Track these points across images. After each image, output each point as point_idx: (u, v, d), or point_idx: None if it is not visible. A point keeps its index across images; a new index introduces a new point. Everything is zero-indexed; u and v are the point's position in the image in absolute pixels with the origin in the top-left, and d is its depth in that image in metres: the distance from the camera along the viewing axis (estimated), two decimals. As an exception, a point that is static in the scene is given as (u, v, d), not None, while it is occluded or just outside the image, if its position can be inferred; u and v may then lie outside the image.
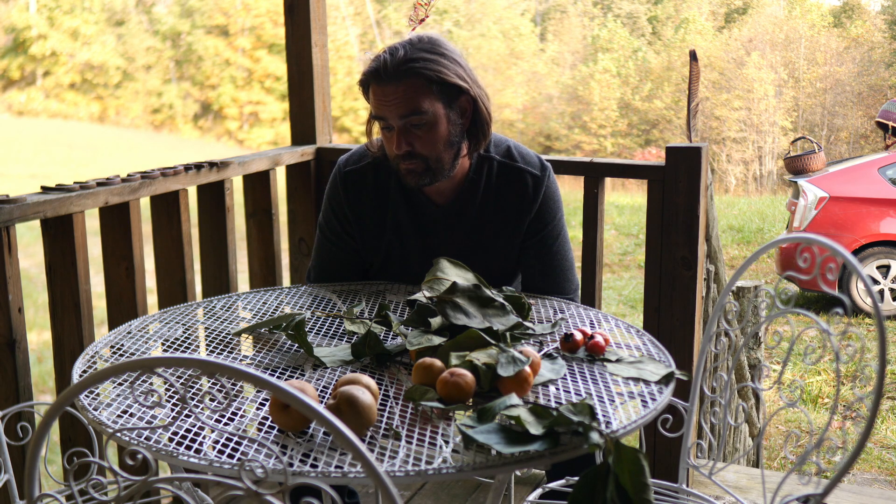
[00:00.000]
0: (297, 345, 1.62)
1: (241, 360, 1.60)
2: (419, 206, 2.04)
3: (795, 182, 7.30)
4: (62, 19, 22.96)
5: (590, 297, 2.57)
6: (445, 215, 2.03)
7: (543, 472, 2.00)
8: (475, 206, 2.02)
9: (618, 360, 1.54)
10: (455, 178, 2.00)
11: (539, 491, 1.83)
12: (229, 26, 23.36)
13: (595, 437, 1.16)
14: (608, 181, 2.62)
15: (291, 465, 1.15)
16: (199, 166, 2.48)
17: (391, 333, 1.70)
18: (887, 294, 7.13)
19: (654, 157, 18.19)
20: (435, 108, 1.87)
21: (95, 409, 1.31)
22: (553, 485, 1.84)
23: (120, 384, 1.43)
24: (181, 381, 1.38)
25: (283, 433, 1.24)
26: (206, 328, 1.76)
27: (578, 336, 1.58)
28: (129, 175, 2.28)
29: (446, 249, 2.01)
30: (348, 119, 20.51)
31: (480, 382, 1.37)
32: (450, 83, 1.87)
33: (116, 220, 2.27)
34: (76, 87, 23.12)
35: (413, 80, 1.84)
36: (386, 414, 1.32)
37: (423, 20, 2.33)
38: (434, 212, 2.03)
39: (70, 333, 2.14)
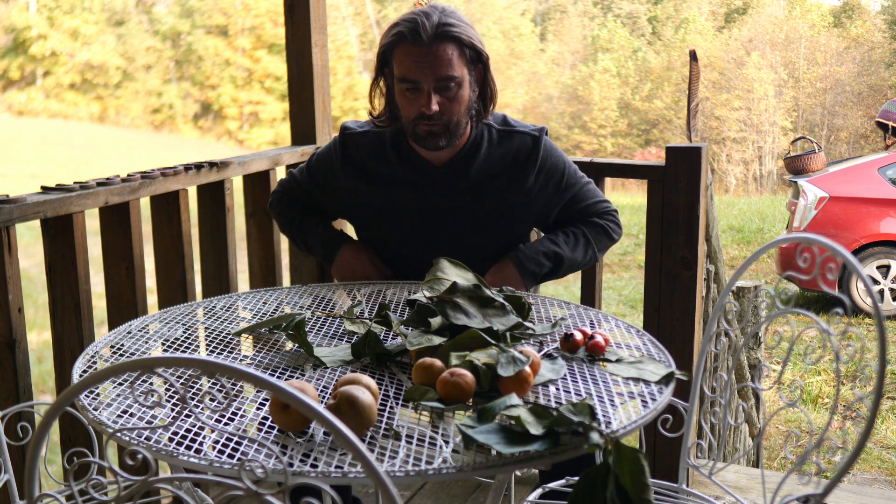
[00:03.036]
0: (297, 345, 1.62)
1: (241, 360, 1.60)
2: (421, 169, 2.08)
3: (795, 182, 7.30)
4: (62, 19, 22.96)
5: (590, 297, 2.57)
6: (446, 178, 2.07)
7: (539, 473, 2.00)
8: (476, 168, 2.07)
9: (618, 361, 1.54)
10: (457, 143, 2.06)
11: (539, 491, 1.83)
12: (229, 26, 23.37)
13: (595, 436, 1.16)
14: (608, 181, 2.62)
15: (291, 464, 1.14)
16: (199, 166, 2.48)
17: (391, 333, 1.70)
18: (887, 294, 7.13)
19: (654, 157, 18.19)
20: (463, 72, 1.95)
21: (95, 409, 1.31)
22: (553, 485, 1.84)
23: (120, 384, 1.43)
24: (181, 381, 1.38)
25: (283, 433, 1.24)
26: (206, 328, 1.76)
27: (578, 336, 1.58)
28: (129, 175, 2.28)
29: (451, 212, 2.07)
30: (348, 119, 20.50)
31: (480, 382, 1.37)
32: (478, 49, 1.96)
33: (116, 220, 2.27)
34: (76, 87, 23.13)
35: (450, 43, 1.92)
36: (386, 414, 1.32)
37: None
38: (435, 176, 2.08)
39: (70, 333, 2.14)
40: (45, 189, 2.11)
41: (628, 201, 13.79)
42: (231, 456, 1.16)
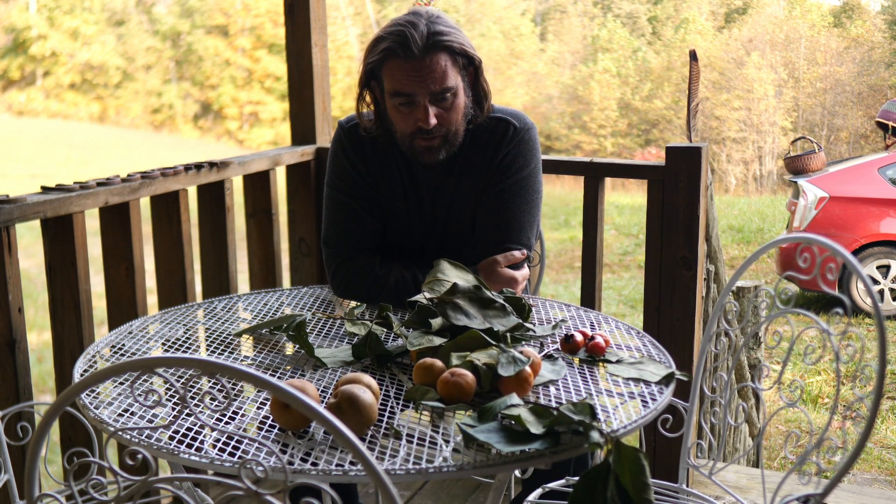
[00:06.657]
0: (297, 345, 1.62)
1: (241, 361, 1.60)
2: (413, 172, 2.01)
3: (795, 182, 7.30)
4: (62, 19, 22.95)
5: (590, 298, 2.57)
6: (435, 177, 2.00)
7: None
8: (459, 161, 1.98)
9: (618, 361, 1.54)
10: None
11: (539, 491, 1.83)
12: (229, 26, 23.35)
13: (595, 435, 1.16)
14: (608, 181, 2.62)
15: (292, 463, 1.14)
16: (199, 166, 2.48)
17: (392, 334, 1.70)
18: (887, 294, 7.13)
19: (654, 157, 18.18)
20: (457, 81, 1.87)
21: (97, 409, 1.31)
22: (553, 485, 1.84)
23: (121, 384, 1.43)
24: (181, 381, 1.38)
25: (284, 432, 1.24)
26: (207, 329, 1.76)
27: (579, 337, 1.58)
28: (129, 175, 2.28)
29: (440, 208, 1.99)
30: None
31: (481, 382, 1.38)
32: (469, 54, 1.87)
33: (116, 221, 2.27)
34: (76, 87, 23.11)
35: (442, 53, 1.82)
36: (386, 414, 1.32)
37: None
38: (426, 175, 2.00)
39: (70, 333, 2.14)
40: (45, 189, 2.11)
41: (628, 201, 13.78)
42: (231, 454, 1.16)
